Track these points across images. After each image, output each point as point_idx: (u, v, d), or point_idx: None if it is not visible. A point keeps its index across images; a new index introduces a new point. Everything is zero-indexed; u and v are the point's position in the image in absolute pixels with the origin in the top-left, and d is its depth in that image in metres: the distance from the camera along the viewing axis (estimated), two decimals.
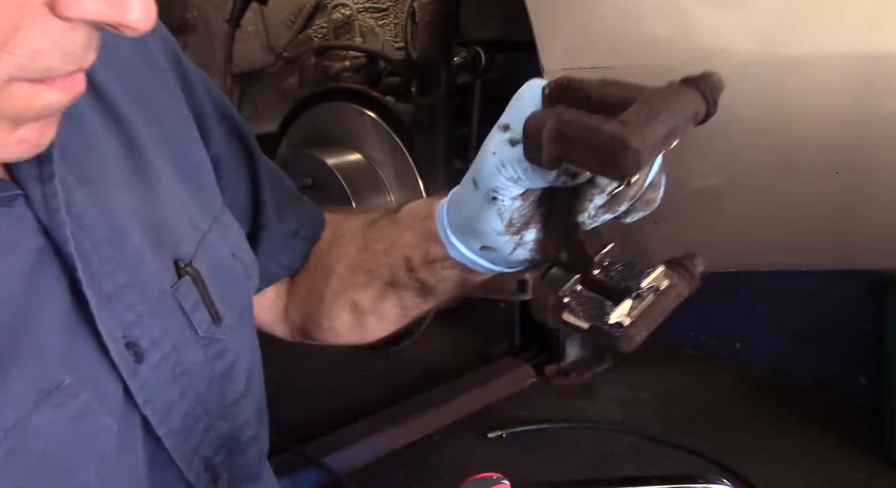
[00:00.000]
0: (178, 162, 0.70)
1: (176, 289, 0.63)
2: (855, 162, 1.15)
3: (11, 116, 0.47)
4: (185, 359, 0.62)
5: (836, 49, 1.07)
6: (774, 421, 2.84)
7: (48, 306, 0.53)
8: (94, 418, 0.54)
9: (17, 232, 0.53)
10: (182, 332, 0.63)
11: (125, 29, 0.45)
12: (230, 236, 0.74)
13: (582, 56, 1.21)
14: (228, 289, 0.69)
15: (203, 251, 0.68)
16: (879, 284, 2.75)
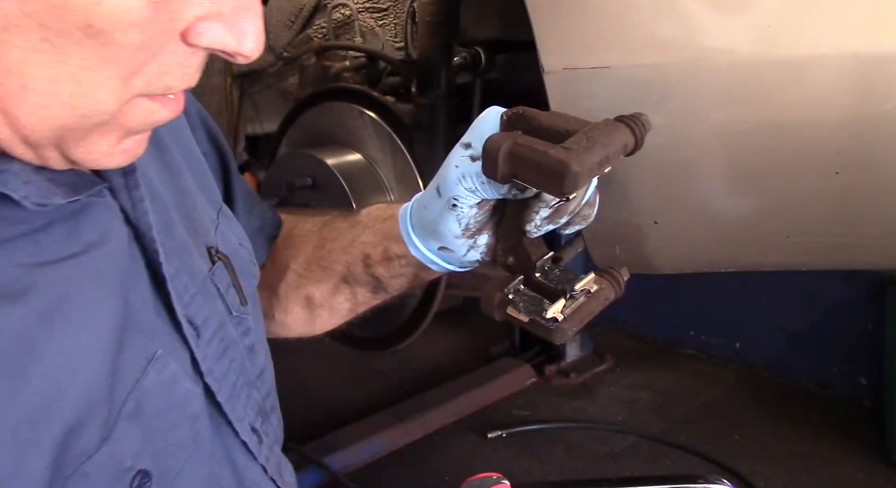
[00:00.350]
0: (186, 156, 0.75)
1: (213, 274, 0.70)
2: (855, 162, 1.15)
3: (126, 128, 0.53)
4: (227, 336, 0.69)
5: (836, 49, 1.07)
6: (774, 421, 2.84)
7: (139, 286, 0.60)
8: (183, 384, 0.61)
9: (110, 221, 0.59)
10: (221, 311, 0.69)
11: (238, 56, 0.53)
12: (234, 227, 0.80)
13: (582, 56, 1.21)
14: (243, 274, 0.76)
15: (220, 239, 0.74)
16: (879, 284, 2.76)
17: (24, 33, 0.45)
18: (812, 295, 3.06)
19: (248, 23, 0.52)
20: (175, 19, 0.49)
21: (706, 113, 1.19)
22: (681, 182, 1.28)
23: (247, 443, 0.69)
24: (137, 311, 0.58)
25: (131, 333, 0.57)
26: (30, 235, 0.52)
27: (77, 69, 0.47)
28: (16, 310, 0.49)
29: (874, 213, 1.21)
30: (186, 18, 0.50)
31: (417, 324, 1.74)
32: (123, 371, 0.55)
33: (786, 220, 1.28)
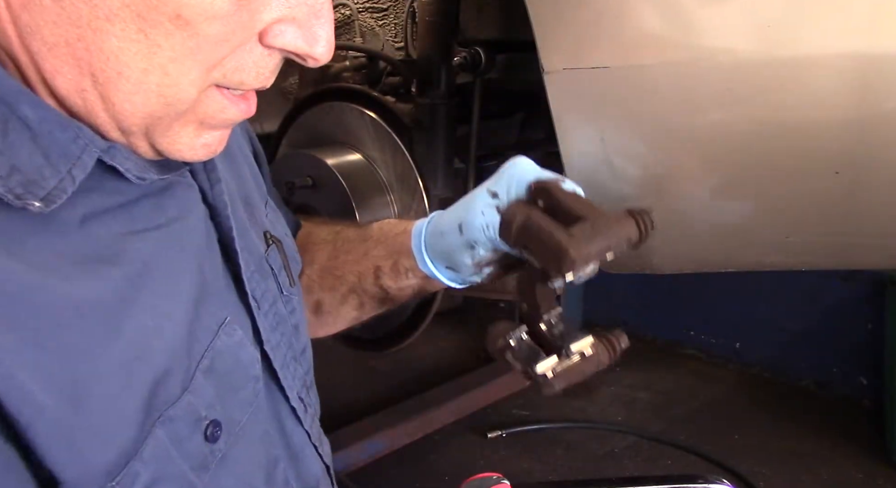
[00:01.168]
0: (240, 148, 0.81)
1: (268, 255, 0.75)
2: (855, 162, 1.15)
3: (201, 119, 0.57)
4: (279, 312, 0.74)
5: (836, 49, 1.07)
6: (774, 421, 2.84)
7: (213, 259, 0.65)
8: (247, 348, 0.66)
9: (191, 199, 0.64)
10: (273, 290, 0.74)
11: (310, 60, 0.56)
12: (279, 218, 0.85)
13: (582, 56, 1.21)
14: (291, 259, 0.81)
15: (271, 227, 0.79)
16: (879, 284, 2.76)
17: (123, 23, 0.49)
18: (812, 295, 3.06)
19: (320, 28, 0.56)
20: (255, 18, 0.53)
21: (706, 113, 1.19)
22: (681, 182, 1.29)
23: (295, 410, 0.74)
24: (211, 281, 0.64)
25: (206, 299, 0.62)
26: (125, 206, 0.58)
27: (166, 61, 0.51)
28: (113, 272, 0.55)
29: (874, 213, 1.21)
30: (264, 19, 0.54)
31: (417, 324, 1.74)
32: (199, 332, 0.61)
33: (786, 220, 1.28)
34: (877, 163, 1.14)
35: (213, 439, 0.60)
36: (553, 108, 1.26)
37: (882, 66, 1.05)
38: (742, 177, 1.24)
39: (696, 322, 3.44)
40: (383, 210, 1.69)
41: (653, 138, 1.25)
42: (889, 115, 1.08)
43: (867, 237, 1.27)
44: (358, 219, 1.64)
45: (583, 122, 1.26)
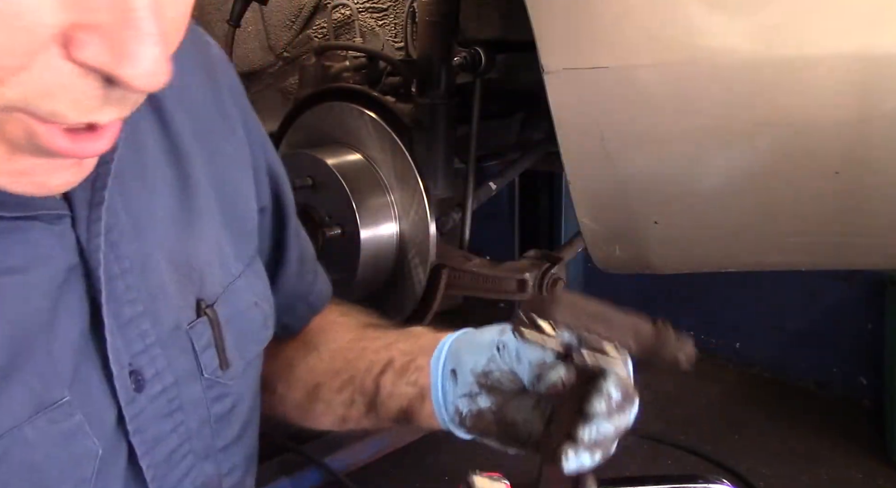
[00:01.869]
0: (226, 204, 0.72)
1: (191, 328, 0.65)
2: (855, 162, 1.15)
3: (9, 141, 0.44)
4: (184, 396, 0.63)
5: (837, 49, 1.07)
6: (774, 421, 2.84)
7: (67, 323, 0.55)
8: (82, 440, 0.55)
9: (52, 249, 0.54)
10: (187, 370, 0.64)
11: (122, 84, 0.42)
12: (258, 284, 0.75)
13: (582, 56, 1.21)
14: (244, 336, 0.71)
15: (229, 295, 0.70)
16: (879, 284, 2.76)
17: None
18: (812, 295, 3.06)
19: (137, 44, 0.41)
20: (32, 18, 0.39)
21: (706, 113, 1.19)
22: (681, 182, 1.29)
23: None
24: (47, 351, 0.53)
25: (19, 376, 0.51)
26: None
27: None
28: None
29: (874, 213, 1.21)
30: (48, 22, 0.40)
31: (417, 324, 1.73)
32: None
33: (786, 220, 1.28)
34: (877, 164, 1.14)
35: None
36: (553, 108, 1.26)
37: (882, 65, 1.05)
38: (742, 177, 1.24)
39: (696, 322, 3.44)
40: (383, 210, 1.69)
41: (653, 138, 1.25)
42: (889, 115, 1.08)
43: (867, 237, 1.27)
44: (358, 219, 1.64)
45: (583, 122, 1.26)
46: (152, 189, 0.63)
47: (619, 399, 0.60)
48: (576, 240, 1.74)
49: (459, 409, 0.69)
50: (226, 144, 0.73)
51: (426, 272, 1.68)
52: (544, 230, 3.25)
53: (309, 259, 0.88)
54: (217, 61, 0.75)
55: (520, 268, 1.63)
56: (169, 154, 0.66)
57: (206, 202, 0.68)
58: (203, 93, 0.72)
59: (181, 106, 0.68)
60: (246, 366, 0.72)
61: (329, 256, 1.69)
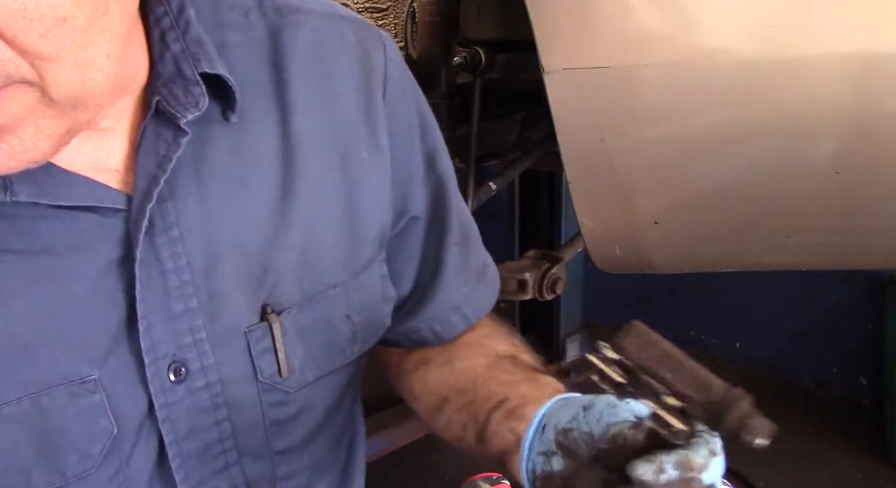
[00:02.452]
0: (343, 210, 0.70)
1: (250, 331, 0.64)
2: (855, 162, 1.15)
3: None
4: (232, 394, 0.64)
5: (836, 49, 1.07)
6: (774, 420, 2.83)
7: (106, 310, 0.58)
8: (98, 418, 0.57)
9: (96, 239, 0.57)
10: (240, 370, 0.64)
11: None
12: (358, 297, 0.73)
13: (582, 56, 1.21)
14: (324, 348, 0.70)
15: (312, 305, 0.68)
16: (879, 284, 2.76)
17: None
18: (812, 295, 3.06)
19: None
20: None
21: (706, 113, 1.19)
22: (681, 182, 1.28)
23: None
24: (80, 331, 0.56)
25: (57, 347, 0.55)
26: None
27: None
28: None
29: (874, 213, 1.21)
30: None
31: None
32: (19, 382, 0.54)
33: (786, 220, 1.28)
34: (877, 164, 1.14)
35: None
36: (553, 108, 1.26)
37: (882, 65, 1.05)
38: (742, 177, 1.24)
39: (696, 322, 3.44)
40: None
41: (653, 138, 1.25)
42: (889, 115, 1.08)
43: (867, 237, 1.27)
44: None
45: (583, 122, 1.26)
46: (247, 192, 0.64)
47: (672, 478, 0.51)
48: (576, 240, 1.74)
49: (535, 467, 0.63)
50: (364, 151, 0.71)
51: None
52: (544, 230, 3.25)
53: (472, 269, 0.84)
54: (380, 64, 0.73)
55: (520, 268, 1.63)
56: (282, 156, 0.66)
57: (309, 209, 0.67)
58: (350, 98, 0.70)
59: (321, 108, 0.68)
60: (323, 376, 0.71)
61: None
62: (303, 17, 0.69)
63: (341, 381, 0.76)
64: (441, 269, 0.81)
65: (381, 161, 0.73)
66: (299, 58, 0.68)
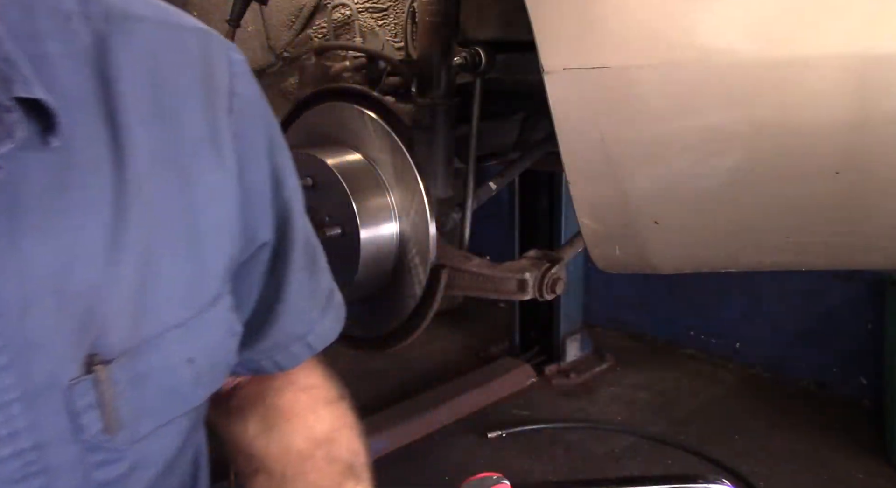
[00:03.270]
0: (187, 240, 0.64)
1: (73, 385, 0.56)
2: (855, 162, 1.15)
3: None
4: (50, 459, 0.56)
5: (836, 49, 1.07)
6: (775, 421, 2.84)
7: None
8: None
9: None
10: (59, 431, 0.56)
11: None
12: (202, 337, 0.66)
13: (582, 56, 1.21)
14: (162, 395, 0.63)
15: (148, 349, 0.61)
16: (879, 284, 2.76)
17: None
18: (812, 295, 3.06)
19: None
20: None
21: (706, 113, 1.19)
22: (681, 182, 1.29)
23: None
24: None
25: None
26: None
27: None
28: None
29: (874, 213, 1.21)
30: None
31: (417, 324, 1.74)
32: None
33: (786, 220, 1.28)
34: (877, 164, 1.14)
35: None
36: (553, 108, 1.26)
37: (882, 66, 1.05)
38: (742, 177, 1.24)
39: (696, 322, 3.44)
40: (383, 210, 1.69)
41: (653, 138, 1.25)
42: (889, 115, 1.08)
43: (867, 237, 1.27)
44: (358, 219, 1.64)
45: (583, 122, 1.26)
46: (70, 225, 0.56)
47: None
48: (576, 240, 1.74)
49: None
50: (208, 174, 0.65)
51: (426, 272, 1.68)
52: (544, 230, 3.25)
53: (319, 295, 0.81)
54: (226, 79, 0.67)
55: (520, 268, 1.63)
56: (113, 183, 0.58)
57: (144, 241, 0.60)
58: (192, 115, 0.64)
59: (157, 128, 0.61)
60: (160, 427, 0.64)
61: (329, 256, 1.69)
62: (134, 24, 0.61)
63: (182, 428, 0.68)
64: (285, 297, 0.75)
65: (228, 184, 0.66)
66: (130, 70, 0.60)
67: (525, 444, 2.72)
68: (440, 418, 2.83)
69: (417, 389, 3.03)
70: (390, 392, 3.05)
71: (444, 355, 3.47)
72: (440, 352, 3.50)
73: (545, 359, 3.31)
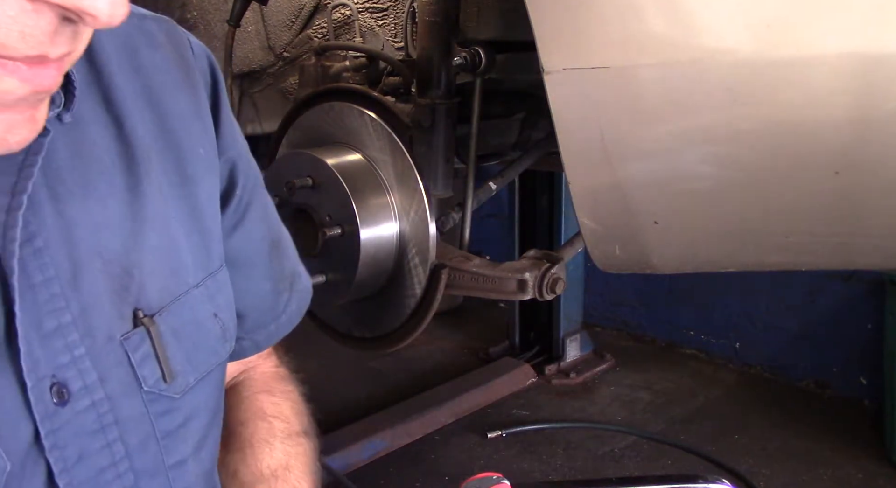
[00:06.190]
0: (192, 209, 0.69)
1: (126, 339, 0.61)
2: (855, 162, 1.15)
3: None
4: (120, 411, 0.60)
5: (836, 49, 1.07)
6: (774, 421, 2.84)
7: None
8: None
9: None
10: (124, 383, 0.61)
11: (87, 17, 0.43)
12: (220, 296, 0.72)
13: (582, 56, 1.21)
14: (198, 348, 0.69)
15: (180, 305, 0.67)
16: (879, 284, 2.76)
17: None
18: (812, 295, 3.06)
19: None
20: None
21: (706, 113, 1.19)
22: (681, 182, 1.29)
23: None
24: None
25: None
26: None
27: None
28: None
29: (874, 213, 1.21)
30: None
31: (417, 324, 1.74)
32: None
33: (786, 220, 1.28)
34: (877, 164, 1.14)
35: None
36: (553, 108, 1.26)
37: (882, 66, 1.05)
38: (742, 177, 1.24)
39: (696, 322, 3.45)
40: (383, 210, 1.69)
41: (653, 138, 1.25)
42: (889, 115, 1.08)
43: (867, 237, 1.27)
44: (358, 219, 1.64)
45: (583, 122, 1.26)
46: (96, 195, 0.61)
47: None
48: (576, 240, 1.74)
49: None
50: (199, 147, 0.70)
51: (426, 272, 1.68)
52: (544, 230, 3.25)
53: (286, 275, 0.85)
54: (195, 59, 0.72)
55: (520, 268, 1.63)
56: (122, 158, 0.63)
57: (160, 209, 0.65)
58: (177, 93, 0.69)
59: (147, 106, 0.66)
60: (201, 379, 0.69)
61: (329, 256, 1.69)
62: None
63: (217, 384, 0.74)
64: (254, 273, 0.80)
65: (214, 158, 0.72)
66: (113, 57, 0.64)
67: (525, 444, 2.72)
68: (440, 418, 2.84)
69: (417, 389, 3.03)
70: (390, 392, 3.05)
71: (444, 355, 3.47)
72: (440, 352, 3.50)
73: (545, 358, 3.31)
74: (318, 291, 1.72)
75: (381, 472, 2.54)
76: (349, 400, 2.94)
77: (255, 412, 0.86)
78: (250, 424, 0.85)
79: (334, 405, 2.85)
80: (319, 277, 1.69)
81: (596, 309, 3.66)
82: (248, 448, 0.83)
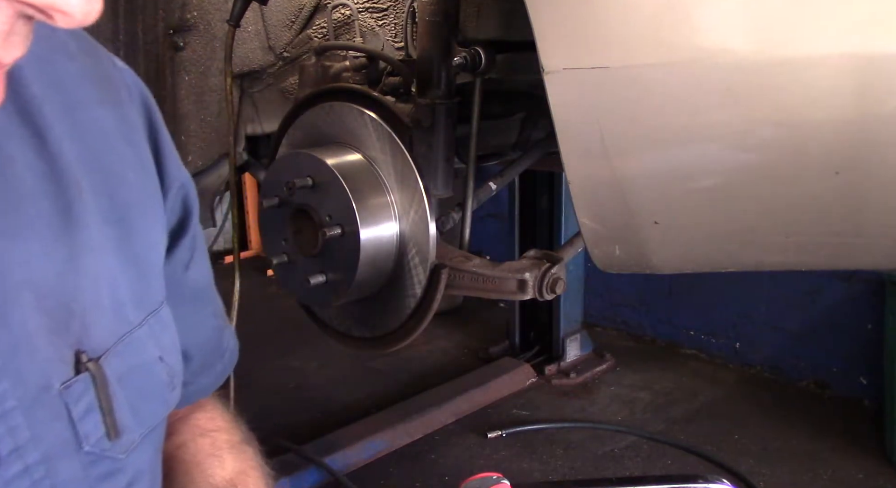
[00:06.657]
0: (126, 242, 0.61)
1: (66, 388, 0.53)
2: (855, 162, 1.15)
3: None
4: (57, 475, 0.52)
5: (836, 49, 1.07)
6: (774, 421, 2.85)
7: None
8: None
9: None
10: (61, 442, 0.53)
11: (57, 14, 0.38)
12: (164, 337, 0.65)
13: (582, 56, 1.21)
14: (144, 398, 0.61)
15: (124, 348, 0.59)
16: (879, 284, 2.76)
17: None
18: (812, 295, 3.06)
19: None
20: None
21: (706, 113, 1.19)
22: (681, 182, 1.29)
23: None
24: None
25: None
26: None
27: None
28: None
29: (874, 213, 1.21)
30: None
31: (417, 324, 1.74)
32: None
33: (786, 220, 1.28)
34: (877, 164, 1.14)
35: None
36: (553, 108, 1.26)
37: (882, 66, 1.05)
38: (742, 177, 1.24)
39: (696, 322, 3.45)
40: (383, 210, 1.69)
41: (653, 138, 1.25)
42: (889, 115, 1.08)
43: (867, 237, 1.27)
44: (358, 219, 1.64)
45: (583, 122, 1.26)
46: (26, 218, 0.53)
47: None
48: (576, 240, 1.74)
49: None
50: (129, 171, 0.63)
51: (426, 272, 1.68)
52: (544, 230, 3.25)
53: (220, 310, 0.80)
54: (124, 85, 0.66)
55: (520, 268, 1.63)
56: (47, 177, 0.55)
57: (94, 237, 0.58)
58: (106, 119, 0.62)
59: (73, 133, 0.59)
60: (147, 434, 0.62)
61: (329, 256, 1.69)
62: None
63: (160, 440, 0.67)
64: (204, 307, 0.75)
65: (148, 181, 0.65)
66: (26, 65, 0.55)
67: (525, 444, 2.72)
68: (440, 418, 2.84)
69: (417, 389, 3.03)
70: (390, 392, 3.05)
71: (444, 355, 3.48)
72: (440, 352, 3.50)
73: (545, 358, 3.31)
74: (319, 291, 1.72)
75: (381, 472, 2.54)
76: (349, 401, 2.94)
77: (192, 430, 0.80)
78: (191, 444, 0.79)
79: (334, 405, 2.85)
80: (319, 277, 1.69)
81: (596, 309, 3.66)
82: (195, 469, 0.76)
